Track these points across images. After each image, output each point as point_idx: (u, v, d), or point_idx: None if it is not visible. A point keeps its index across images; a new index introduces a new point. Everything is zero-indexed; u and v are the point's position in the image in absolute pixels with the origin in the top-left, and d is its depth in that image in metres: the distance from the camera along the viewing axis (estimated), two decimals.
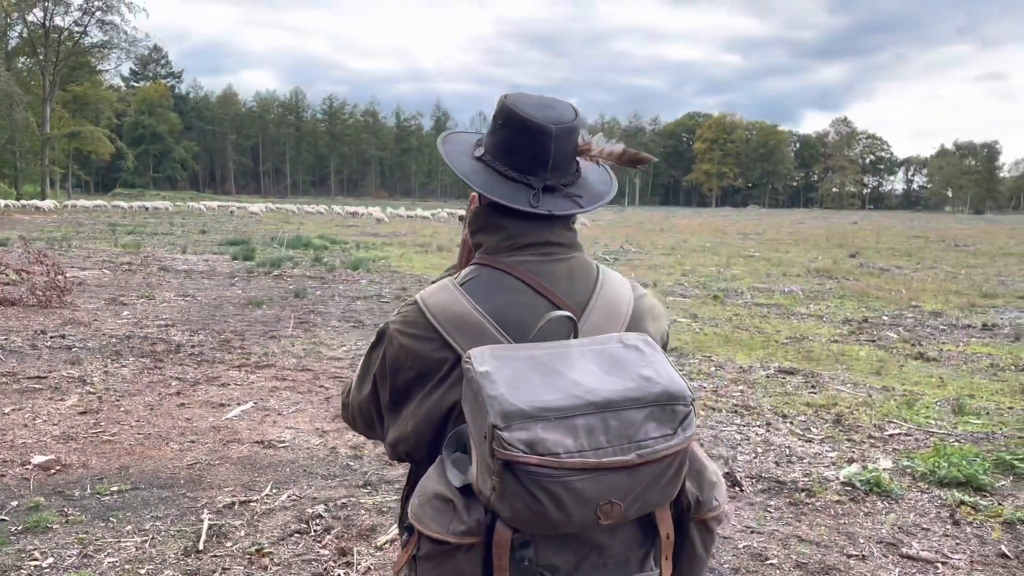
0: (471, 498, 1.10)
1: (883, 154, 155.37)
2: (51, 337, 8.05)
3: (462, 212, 36.98)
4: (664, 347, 1.36)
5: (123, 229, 28.78)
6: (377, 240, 27.31)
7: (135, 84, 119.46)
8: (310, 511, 3.96)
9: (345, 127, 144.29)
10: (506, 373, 1.07)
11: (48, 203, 46.11)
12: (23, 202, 44.92)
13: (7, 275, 10.84)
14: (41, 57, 60.55)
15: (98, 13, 60.75)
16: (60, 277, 10.65)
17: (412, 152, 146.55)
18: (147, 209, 50.10)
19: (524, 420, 1.02)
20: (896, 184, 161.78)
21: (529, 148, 1.31)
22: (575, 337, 1.20)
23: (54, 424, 5.25)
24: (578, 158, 1.38)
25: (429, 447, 1.25)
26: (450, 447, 1.18)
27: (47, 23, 60.37)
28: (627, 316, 1.32)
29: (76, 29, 62.27)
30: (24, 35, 60.33)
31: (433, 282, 1.46)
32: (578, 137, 1.35)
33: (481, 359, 1.10)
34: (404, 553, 1.18)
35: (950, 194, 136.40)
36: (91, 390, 6.10)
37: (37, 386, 6.20)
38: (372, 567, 3.41)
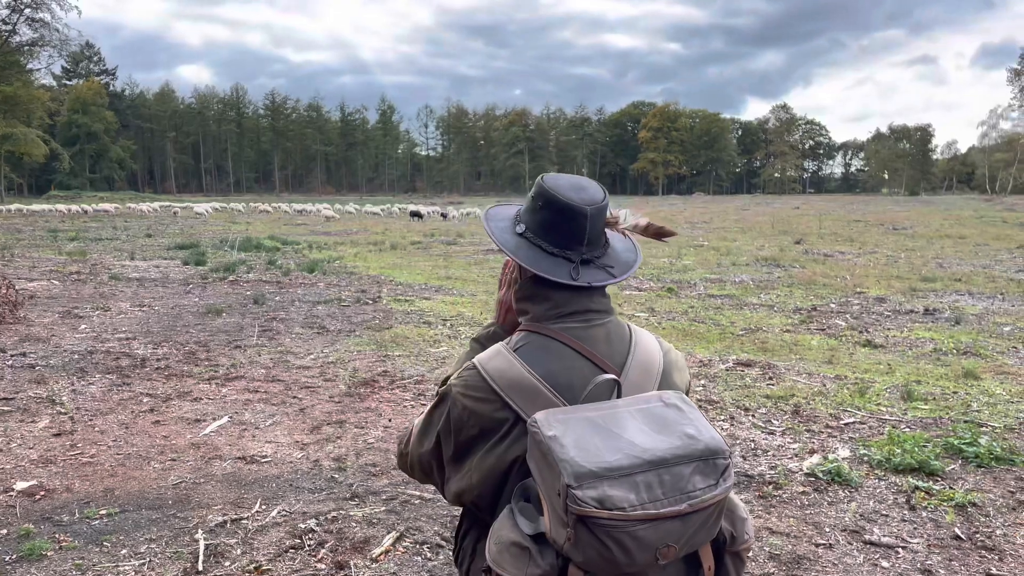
0: (543, 544, 1.25)
1: (822, 139, 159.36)
2: (11, 355, 7.92)
3: (412, 207, 36.85)
4: (687, 392, 1.54)
5: (65, 235, 28.06)
6: (329, 239, 27.14)
7: (67, 83, 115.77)
8: (302, 526, 4.06)
9: (288, 122, 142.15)
10: (572, 436, 1.23)
11: None
12: None
13: None
14: None
15: (27, 11, 58.75)
16: (11, 291, 10.45)
17: (358, 147, 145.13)
18: (87, 212, 48.81)
19: (593, 480, 1.18)
20: (835, 168, 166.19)
21: (567, 227, 1.47)
22: (619, 396, 1.36)
23: (30, 448, 5.23)
24: (606, 230, 1.53)
25: (492, 496, 1.40)
26: (517, 497, 1.33)
27: None
28: (659, 372, 1.50)
29: (4, 28, 60.13)
30: None
31: (475, 339, 1.60)
32: (607, 213, 1.51)
33: (547, 424, 1.25)
34: None
35: (887, 176, 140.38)
36: (62, 410, 6.07)
37: (5, 408, 6.14)
38: None
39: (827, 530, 4.03)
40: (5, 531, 3.99)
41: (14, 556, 3.71)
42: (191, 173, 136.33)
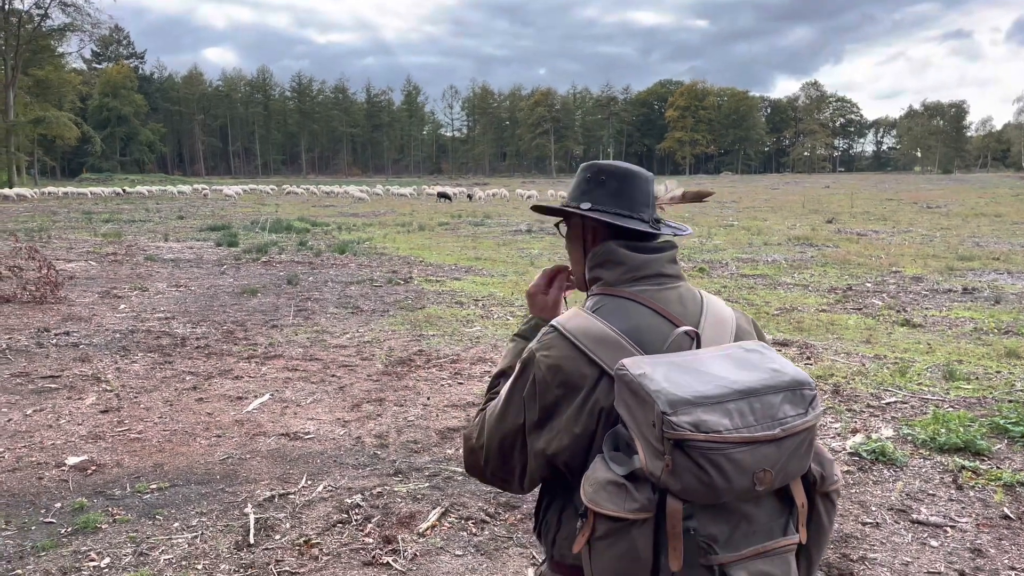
0: (638, 481, 1.26)
1: (853, 116, 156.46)
2: (55, 335, 8.08)
3: (440, 189, 36.93)
4: None
5: (99, 217, 28.46)
6: (357, 221, 27.26)
7: (97, 66, 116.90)
8: (348, 501, 4.11)
9: (315, 104, 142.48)
10: (660, 373, 1.26)
11: (29, 191, 45.72)
12: (9, 191, 44.12)
13: None
14: (1, 42, 59.08)
15: None
16: (51, 271, 10.63)
17: (384, 128, 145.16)
18: (118, 194, 49.58)
19: (687, 406, 1.21)
20: (866, 146, 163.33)
21: (635, 192, 1.56)
22: (698, 348, 1.39)
23: (79, 424, 5.34)
24: None
25: (584, 453, 1.41)
26: (607, 446, 1.34)
27: (6, 6, 58.91)
28: (733, 329, 1.54)
29: (36, 12, 60.83)
30: None
31: (517, 334, 1.64)
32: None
33: (635, 365, 1.29)
34: (581, 537, 1.32)
35: (919, 154, 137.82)
36: (107, 388, 6.19)
37: (52, 386, 6.27)
38: (418, 553, 3.57)
39: (873, 509, 4.01)
40: (60, 504, 4.09)
41: (70, 528, 3.81)
42: (219, 156, 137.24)
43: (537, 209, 1.76)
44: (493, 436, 1.52)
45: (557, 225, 1.72)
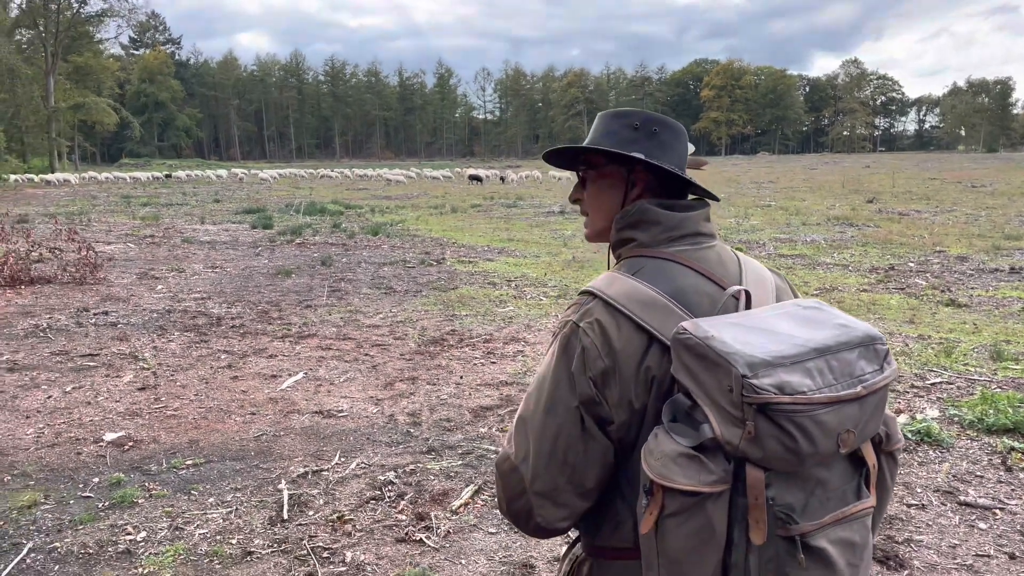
0: (709, 451, 1.18)
1: (894, 95, 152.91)
2: (94, 314, 8.20)
3: (472, 171, 36.75)
4: None
5: (137, 201, 28.88)
6: (391, 203, 27.31)
7: (135, 52, 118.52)
8: (381, 478, 4.10)
9: (348, 88, 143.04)
10: (728, 335, 1.17)
11: (72, 176, 46.78)
12: (52, 176, 45.10)
13: (40, 253, 10.95)
14: (41, 29, 60.06)
15: None
16: (91, 253, 10.79)
17: (416, 111, 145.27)
18: (158, 179, 50.42)
19: (767, 367, 1.12)
20: (908, 125, 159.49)
21: (682, 146, 1.49)
22: (748, 308, 1.31)
23: (116, 401, 5.40)
24: None
25: (638, 427, 1.32)
26: (666, 416, 1.26)
27: None
28: (773, 291, 1.45)
29: None
30: (23, 7, 59.77)
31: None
32: None
33: (698, 328, 1.19)
34: (649, 516, 1.21)
35: (963, 133, 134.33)
36: (144, 366, 6.25)
37: (91, 363, 6.35)
38: (451, 530, 3.54)
39: (919, 490, 3.89)
40: (97, 479, 4.13)
41: (106, 503, 3.84)
42: (254, 140, 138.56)
43: (572, 150, 1.51)
44: (544, 434, 1.34)
45: (579, 170, 1.54)
